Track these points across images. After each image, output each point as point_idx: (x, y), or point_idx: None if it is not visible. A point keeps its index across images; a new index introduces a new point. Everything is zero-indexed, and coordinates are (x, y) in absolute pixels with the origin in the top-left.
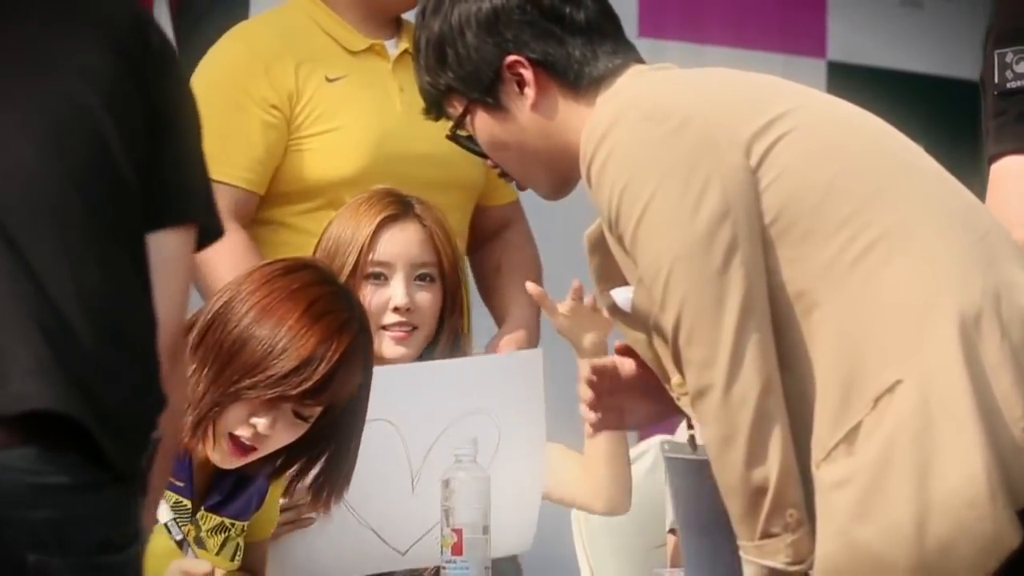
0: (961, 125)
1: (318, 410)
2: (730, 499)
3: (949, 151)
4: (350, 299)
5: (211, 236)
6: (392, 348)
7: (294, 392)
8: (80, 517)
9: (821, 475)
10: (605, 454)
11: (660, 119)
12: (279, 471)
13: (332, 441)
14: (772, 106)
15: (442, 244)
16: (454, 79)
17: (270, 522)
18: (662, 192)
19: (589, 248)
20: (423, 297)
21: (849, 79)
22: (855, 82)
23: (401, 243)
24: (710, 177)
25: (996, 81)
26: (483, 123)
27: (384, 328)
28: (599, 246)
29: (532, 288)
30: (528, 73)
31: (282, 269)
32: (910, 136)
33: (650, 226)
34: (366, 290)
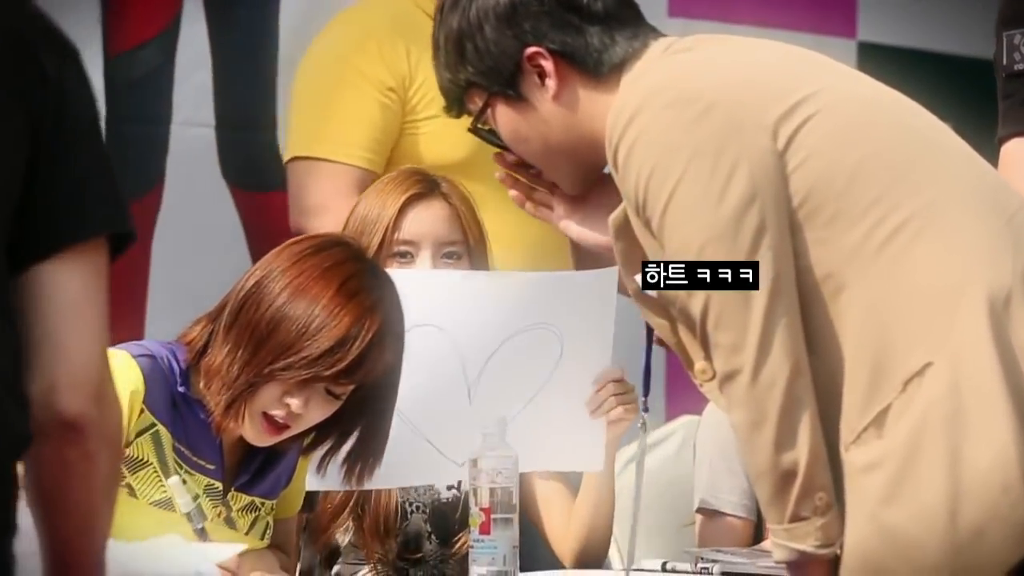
0: (990, 105)
1: (351, 387)
2: (759, 483)
3: (978, 131)
4: (381, 275)
5: (124, 241)
6: None
7: (328, 372)
8: None
9: (850, 458)
10: (592, 503)
11: (685, 104)
12: (311, 447)
13: (364, 417)
14: (798, 87)
15: (468, 222)
16: (474, 73)
17: (297, 499)
18: (689, 176)
19: (614, 232)
20: None
21: (879, 59)
22: (885, 62)
23: (427, 221)
24: (737, 161)
25: (1004, 63)
26: (505, 116)
27: None
28: (624, 230)
29: None
30: (548, 64)
31: (314, 247)
32: (939, 116)
33: (678, 210)
34: (392, 269)
